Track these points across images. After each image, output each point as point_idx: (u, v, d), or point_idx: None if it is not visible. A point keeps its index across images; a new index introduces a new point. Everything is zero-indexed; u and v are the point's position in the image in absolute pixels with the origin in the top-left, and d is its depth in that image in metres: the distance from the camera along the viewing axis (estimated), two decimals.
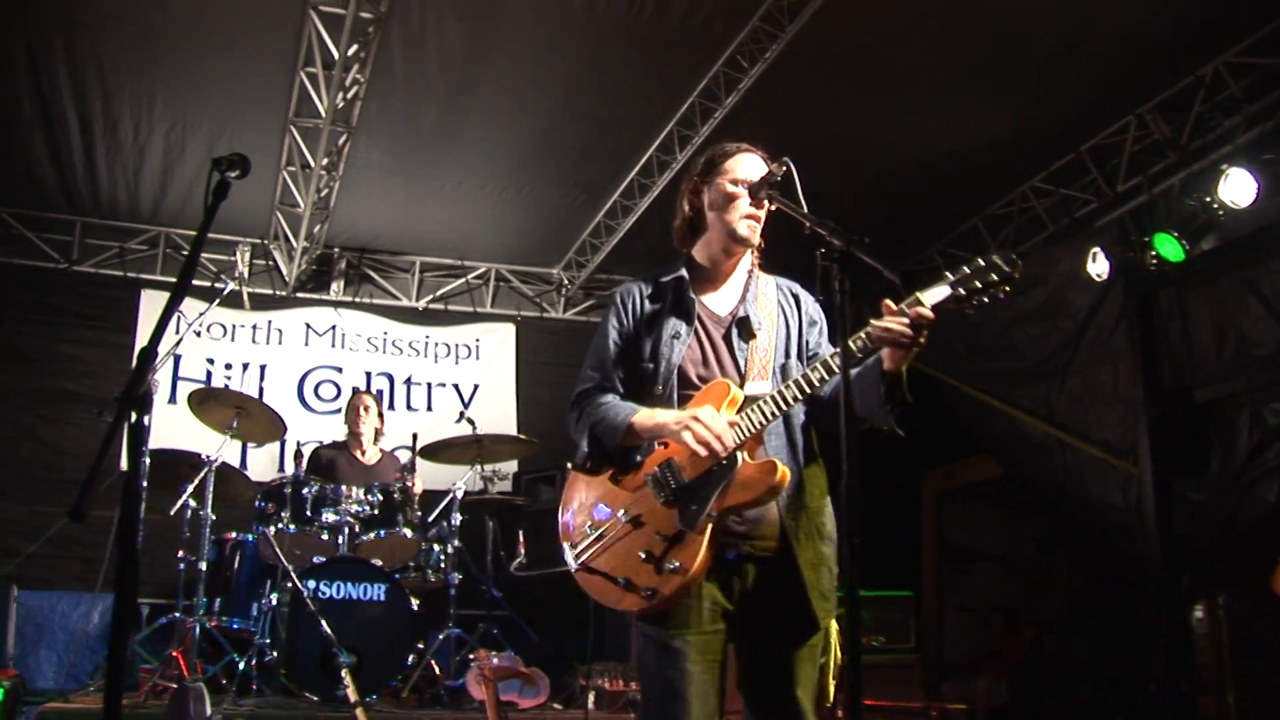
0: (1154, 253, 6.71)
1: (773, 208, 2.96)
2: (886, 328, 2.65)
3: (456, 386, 9.68)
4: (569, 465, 3.14)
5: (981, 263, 2.64)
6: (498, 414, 9.43)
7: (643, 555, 2.79)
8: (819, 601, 2.84)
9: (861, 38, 6.50)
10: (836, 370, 2.70)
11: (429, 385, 9.63)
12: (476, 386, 9.74)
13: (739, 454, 2.78)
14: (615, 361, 3.08)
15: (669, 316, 3.04)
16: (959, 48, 6.56)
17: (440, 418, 9.24)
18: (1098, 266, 7.06)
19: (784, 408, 2.79)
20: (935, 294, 2.66)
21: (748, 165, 3.06)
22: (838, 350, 2.64)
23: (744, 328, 3.02)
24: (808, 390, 2.76)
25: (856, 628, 2.38)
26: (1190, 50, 6.54)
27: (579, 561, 2.93)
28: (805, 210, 2.74)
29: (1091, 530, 7.50)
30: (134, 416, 2.18)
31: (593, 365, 3.11)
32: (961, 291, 2.63)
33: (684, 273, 3.11)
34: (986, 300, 2.64)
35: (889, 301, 2.68)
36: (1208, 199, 6.42)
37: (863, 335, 2.70)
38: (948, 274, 2.68)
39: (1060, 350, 7.50)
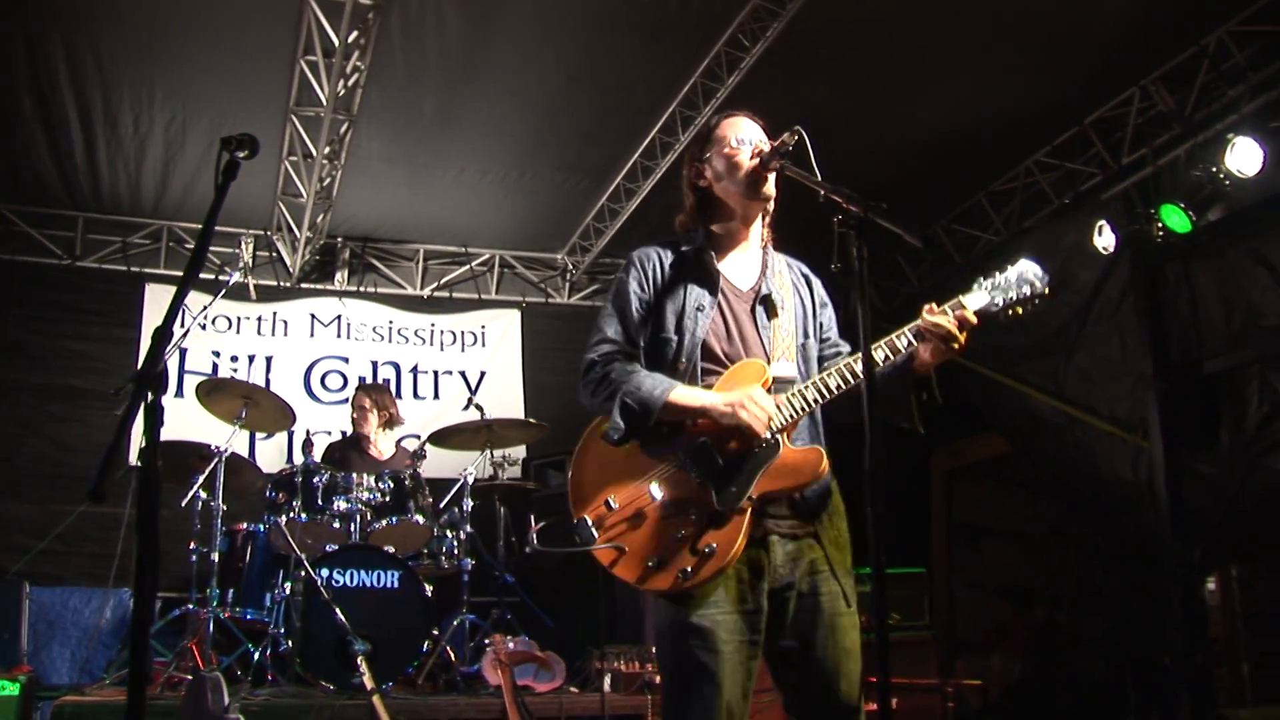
0: (1160, 224, 6.65)
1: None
2: (937, 323, 2.71)
3: (463, 374, 9.68)
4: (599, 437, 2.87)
5: (1013, 273, 2.81)
6: (505, 400, 9.43)
7: (676, 536, 2.69)
8: (845, 578, 2.80)
9: (863, 14, 6.46)
10: (878, 363, 2.74)
11: (435, 373, 9.63)
12: (483, 373, 9.74)
13: (780, 438, 2.74)
14: (639, 326, 2.90)
15: (692, 286, 2.90)
16: (960, 23, 6.52)
17: (447, 405, 9.25)
18: (1104, 240, 7.02)
19: (828, 396, 2.76)
20: (976, 300, 2.80)
21: (744, 126, 3.00)
22: (880, 343, 2.75)
23: (769, 305, 2.92)
24: (851, 381, 2.73)
25: (882, 601, 2.34)
26: (1193, 20, 6.49)
27: (604, 538, 2.76)
28: (819, 179, 2.71)
29: (1102, 505, 7.48)
30: (150, 397, 2.17)
31: (614, 329, 2.92)
32: (999, 302, 2.80)
33: (705, 243, 3.00)
34: (1021, 311, 2.81)
35: (933, 304, 2.77)
36: (1214, 169, 6.37)
37: (908, 332, 2.76)
38: (984, 281, 2.83)
39: (1067, 325, 7.47)
